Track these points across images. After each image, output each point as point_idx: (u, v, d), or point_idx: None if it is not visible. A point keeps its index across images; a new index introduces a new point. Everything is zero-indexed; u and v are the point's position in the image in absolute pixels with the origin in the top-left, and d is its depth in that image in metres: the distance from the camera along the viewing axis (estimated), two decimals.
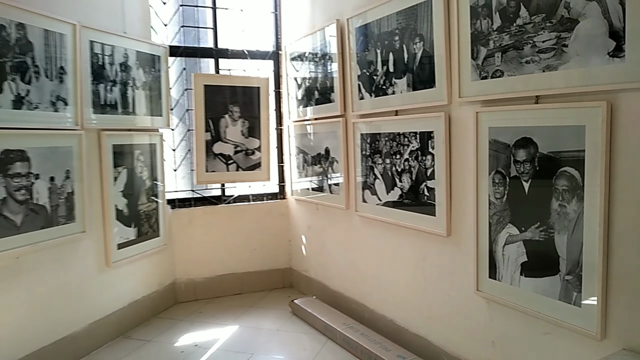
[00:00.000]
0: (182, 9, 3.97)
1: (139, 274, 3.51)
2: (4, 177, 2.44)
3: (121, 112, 3.23)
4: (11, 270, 2.54)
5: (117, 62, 3.18)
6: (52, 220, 2.73)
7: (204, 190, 4.12)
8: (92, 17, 3.00)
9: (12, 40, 2.45)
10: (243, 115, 3.91)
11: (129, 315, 3.39)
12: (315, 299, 3.65)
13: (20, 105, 2.49)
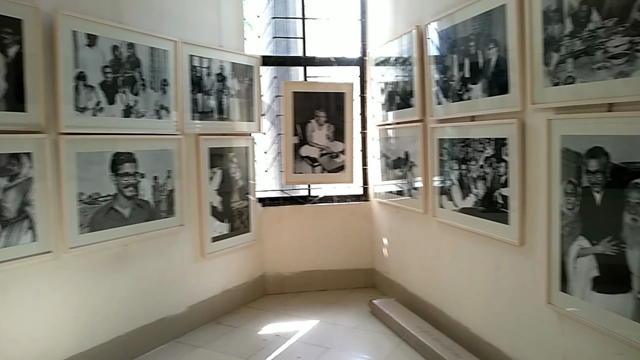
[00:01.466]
0: (274, 21, 4.24)
1: (231, 266, 3.84)
2: (116, 176, 2.85)
3: (217, 118, 3.56)
4: (121, 256, 2.95)
5: (214, 73, 3.51)
6: (155, 214, 3.11)
7: (292, 190, 4.36)
8: (191, 33, 3.35)
9: (124, 58, 2.84)
10: (329, 120, 4.08)
11: (221, 302, 3.72)
12: (393, 301, 3.71)
13: (129, 114, 2.89)
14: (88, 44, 2.65)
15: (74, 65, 2.58)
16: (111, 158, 2.81)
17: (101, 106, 2.73)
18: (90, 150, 2.70)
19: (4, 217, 2.31)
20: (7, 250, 2.33)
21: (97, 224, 2.74)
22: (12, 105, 2.33)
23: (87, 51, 2.65)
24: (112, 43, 2.77)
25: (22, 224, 2.39)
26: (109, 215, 2.81)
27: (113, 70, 2.78)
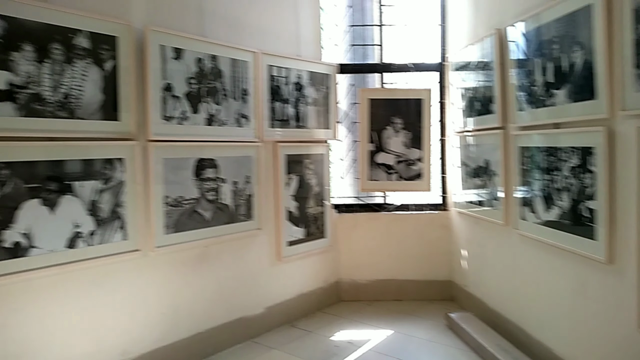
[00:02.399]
0: (352, 29, 4.27)
1: (306, 270, 3.91)
2: (199, 181, 3.02)
3: (294, 125, 3.66)
4: (202, 256, 3.12)
5: (292, 81, 3.61)
6: (234, 218, 3.25)
7: (368, 197, 4.35)
8: (270, 44, 3.48)
9: (207, 69, 3.02)
10: (406, 127, 4.03)
11: (296, 306, 3.80)
12: (471, 315, 3.56)
13: (211, 122, 3.06)
14: (175, 57, 2.85)
15: (161, 77, 2.78)
16: (195, 163, 2.99)
17: (186, 115, 2.92)
18: (176, 156, 2.89)
19: (99, 216, 2.54)
20: (101, 247, 2.56)
21: (181, 225, 2.92)
22: (108, 114, 2.56)
23: (174, 64, 2.85)
24: (197, 56, 2.95)
25: (114, 224, 2.61)
26: (192, 218, 2.99)
27: (197, 81, 2.96)
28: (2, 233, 2.21)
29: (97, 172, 2.53)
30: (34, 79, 2.27)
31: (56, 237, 2.39)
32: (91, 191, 2.51)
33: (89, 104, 2.48)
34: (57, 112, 2.36)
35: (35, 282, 2.35)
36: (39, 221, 2.32)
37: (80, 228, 2.47)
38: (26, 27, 2.23)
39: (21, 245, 2.27)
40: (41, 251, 2.34)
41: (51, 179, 2.36)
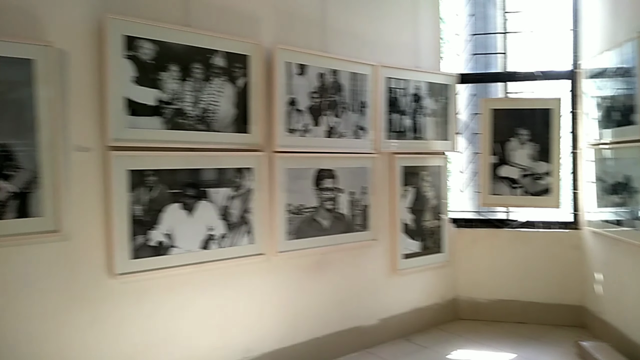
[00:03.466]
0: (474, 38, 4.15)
1: (422, 285, 3.83)
2: (318, 190, 3.13)
3: (412, 137, 3.64)
4: (319, 263, 3.22)
5: (410, 93, 3.61)
6: (351, 227, 3.31)
7: (489, 212, 4.16)
8: (389, 57, 3.51)
9: (328, 84, 3.13)
10: (532, 138, 3.80)
11: (411, 320, 3.74)
12: (607, 346, 3.22)
13: (331, 135, 3.16)
14: (299, 72, 3.00)
15: (287, 92, 2.95)
16: (315, 174, 3.11)
17: (308, 127, 3.05)
18: (298, 167, 3.03)
19: (230, 221, 2.75)
20: (231, 249, 2.76)
21: (301, 232, 3.05)
22: (239, 127, 2.77)
23: (298, 79, 3.00)
24: (319, 71, 3.09)
25: (242, 228, 2.81)
26: (311, 225, 3.10)
27: (319, 95, 3.09)
28: (148, 233, 2.49)
29: (229, 180, 2.75)
30: (178, 96, 2.55)
31: (193, 238, 2.63)
32: (223, 197, 2.73)
33: (224, 117, 2.71)
34: (197, 125, 2.62)
35: (173, 278, 2.61)
36: (179, 223, 2.58)
37: (213, 231, 2.69)
38: (173, 49, 2.52)
39: (163, 245, 2.54)
40: (180, 250, 2.59)
41: (190, 186, 2.62)
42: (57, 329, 2.28)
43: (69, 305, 2.31)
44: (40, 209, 2.19)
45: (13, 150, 2.12)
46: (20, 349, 2.19)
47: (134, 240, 2.44)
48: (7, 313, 2.16)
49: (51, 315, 2.26)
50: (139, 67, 2.41)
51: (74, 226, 2.30)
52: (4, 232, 2.11)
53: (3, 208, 2.11)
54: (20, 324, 2.19)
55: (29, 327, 2.21)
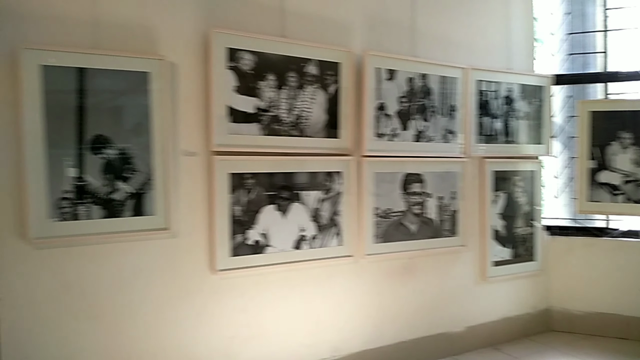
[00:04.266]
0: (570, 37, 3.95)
1: (512, 293, 3.71)
2: (406, 194, 3.15)
3: (502, 141, 3.54)
4: (406, 268, 3.22)
5: (501, 96, 3.52)
6: (439, 232, 3.29)
7: (586, 220, 3.93)
8: (479, 59, 3.45)
9: (417, 88, 3.14)
10: (635, 142, 3.55)
11: (500, 329, 3.63)
12: None
13: (419, 139, 3.16)
14: (388, 77, 3.04)
15: (376, 97, 3.00)
16: (402, 178, 3.13)
17: (396, 132, 3.08)
18: (385, 171, 3.07)
19: (320, 223, 2.85)
20: (321, 250, 2.86)
21: (388, 236, 3.08)
22: (330, 132, 2.86)
23: (387, 84, 3.04)
24: (408, 75, 3.11)
25: (331, 230, 2.89)
26: (399, 230, 3.12)
27: (407, 100, 3.11)
28: (246, 232, 2.64)
29: (320, 183, 2.84)
30: (274, 104, 2.68)
31: (286, 238, 2.75)
32: (314, 200, 2.83)
33: (315, 123, 2.81)
34: (291, 131, 2.74)
35: (268, 275, 2.74)
36: (273, 224, 2.71)
37: (305, 232, 2.80)
38: (270, 60, 2.66)
39: (260, 244, 2.68)
40: (274, 250, 2.72)
41: (284, 188, 2.74)
42: (164, 318, 2.49)
43: (175, 297, 2.51)
44: (153, 208, 2.41)
45: (130, 154, 2.35)
46: (133, 334, 2.42)
47: (233, 239, 2.60)
48: (124, 301, 2.39)
49: (159, 305, 2.47)
50: (240, 77, 2.57)
51: (181, 225, 2.50)
52: (122, 228, 2.35)
53: (121, 207, 2.34)
54: (134, 312, 2.41)
55: (140, 315, 2.43)
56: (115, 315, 2.38)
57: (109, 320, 2.37)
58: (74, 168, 2.24)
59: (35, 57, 2.12)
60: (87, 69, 2.23)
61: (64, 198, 2.22)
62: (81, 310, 2.31)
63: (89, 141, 2.25)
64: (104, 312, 2.35)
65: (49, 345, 2.25)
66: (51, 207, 2.19)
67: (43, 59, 2.14)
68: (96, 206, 2.29)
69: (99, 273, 2.34)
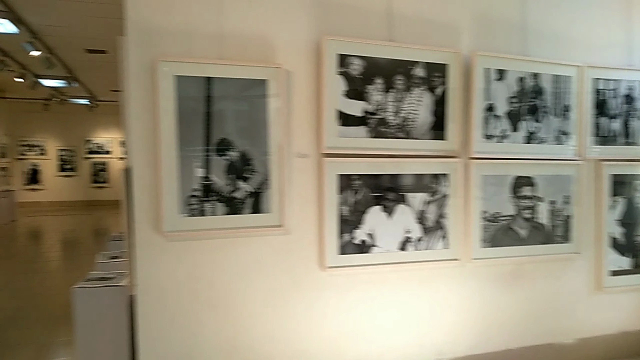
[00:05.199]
0: None
1: (631, 306, 3.44)
2: (515, 198, 3.05)
3: (622, 142, 3.31)
4: (514, 274, 3.12)
5: (621, 94, 3.29)
6: (550, 238, 3.14)
7: None
8: (596, 56, 3.25)
9: (528, 88, 3.04)
10: None
11: (616, 344, 3.39)
12: None
13: (530, 140, 3.06)
14: (497, 78, 2.98)
15: (484, 98, 2.95)
16: (512, 181, 3.04)
17: (506, 133, 3.00)
18: (494, 174, 3.00)
19: (426, 225, 2.85)
20: (426, 252, 2.86)
21: (496, 240, 3.01)
22: (436, 134, 2.86)
23: (496, 84, 2.98)
24: (518, 75, 3.02)
25: (437, 233, 2.89)
26: (507, 234, 3.04)
27: (518, 100, 3.02)
28: (353, 232, 2.72)
29: (426, 185, 2.85)
30: (381, 107, 2.74)
31: (392, 239, 2.79)
32: (420, 202, 2.84)
33: (422, 125, 2.83)
34: (397, 134, 2.78)
35: (373, 275, 2.80)
36: (379, 224, 2.77)
37: (410, 234, 2.82)
38: (378, 64, 2.72)
39: (366, 243, 2.75)
40: (380, 250, 2.77)
41: (389, 190, 2.79)
42: (277, 309, 2.64)
43: (287, 290, 2.65)
44: (269, 206, 2.57)
45: (250, 156, 2.52)
46: (248, 323, 2.59)
47: (341, 238, 2.69)
48: (241, 291, 2.57)
49: (272, 297, 2.63)
50: (349, 81, 2.66)
51: (293, 222, 2.64)
52: (242, 224, 2.53)
53: (242, 204, 2.52)
54: (249, 302, 2.59)
55: (255, 305, 2.60)
56: (234, 304, 2.57)
57: (227, 309, 2.56)
58: (202, 169, 2.45)
59: (170, 68, 2.36)
60: (213, 78, 2.44)
61: (192, 196, 2.44)
62: (205, 298, 2.52)
63: (214, 144, 2.46)
64: (224, 301, 2.55)
65: (177, 327, 2.49)
66: (182, 204, 2.42)
67: (177, 70, 2.38)
68: (220, 203, 2.49)
69: (221, 264, 2.54)
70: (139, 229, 2.42)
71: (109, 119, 17.83)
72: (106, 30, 7.22)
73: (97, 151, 18.07)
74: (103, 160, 18.13)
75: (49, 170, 17.49)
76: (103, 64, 9.89)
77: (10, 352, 4.28)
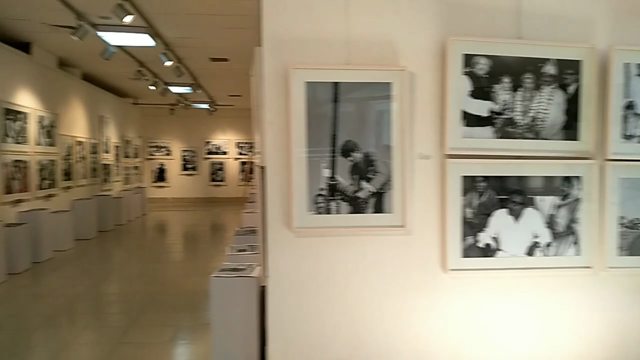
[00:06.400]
0: None
1: None
2: None
3: None
4: None
5: None
6: None
7: None
8: None
9: None
10: None
11: None
12: None
13: None
14: (638, 73, 2.75)
15: (623, 95, 2.74)
16: None
17: None
18: (634, 176, 2.77)
19: (555, 230, 2.72)
20: (555, 259, 2.72)
21: (636, 248, 2.78)
22: (568, 134, 2.71)
23: (637, 80, 2.75)
24: None
25: (568, 239, 2.73)
26: None
27: None
28: (477, 235, 2.68)
29: (556, 188, 2.72)
30: (508, 106, 2.66)
31: (518, 243, 2.70)
32: (549, 206, 2.72)
33: (552, 125, 2.70)
34: (525, 134, 2.68)
35: (497, 280, 2.73)
36: (505, 228, 2.69)
37: (538, 238, 2.71)
38: (505, 62, 2.65)
39: (490, 247, 2.69)
40: (505, 254, 2.70)
41: (516, 193, 2.70)
42: (396, 308, 2.68)
43: (407, 290, 2.68)
44: (391, 206, 2.62)
45: (374, 158, 2.60)
46: (369, 320, 2.66)
47: (464, 240, 2.67)
48: (364, 288, 2.65)
49: (392, 296, 2.67)
50: (474, 81, 2.63)
51: (414, 223, 2.66)
52: (364, 223, 2.61)
53: (365, 204, 2.61)
54: (370, 300, 2.66)
55: (376, 303, 2.66)
56: (353, 300, 2.65)
57: (347, 304, 2.65)
58: (328, 169, 2.57)
59: (301, 75, 2.51)
60: (340, 83, 2.55)
61: (319, 195, 2.57)
62: (328, 292, 2.64)
63: (340, 146, 2.57)
64: (344, 296, 2.65)
65: (303, 318, 2.63)
66: (310, 202, 2.57)
67: (307, 76, 2.52)
68: (344, 202, 2.59)
69: (344, 261, 2.64)
70: (270, 224, 2.61)
71: (226, 122, 19.11)
72: (230, 40, 7.79)
73: (215, 152, 19.42)
74: (220, 161, 19.45)
75: (173, 169, 19.16)
76: (224, 71, 10.65)
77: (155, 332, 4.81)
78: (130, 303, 5.83)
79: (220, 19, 6.56)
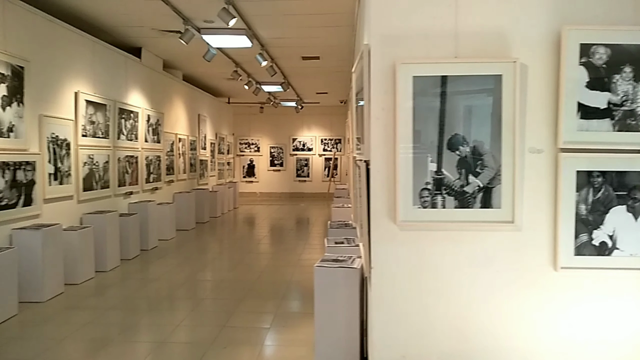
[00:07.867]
0: None
1: None
2: None
3: None
4: None
5: None
6: None
7: None
8: None
9: None
10: None
11: None
12: None
13: None
14: None
15: None
16: None
17: None
18: None
19: None
20: None
21: None
22: None
23: None
24: None
25: None
26: None
27: None
28: (592, 232, 2.56)
29: None
30: (630, 97, 2.51)
31: (637, 243, 2.54)
32: None
33: None
34: None
35: (613, 280, 2.59)
36: (623, 226, 2.54)
37: None
38: (627, 51, 2.49)
39: (606, 246, 2.56)
40: (622, 253, 2.55)
41: (637, 189, 2.54)
42: (503, 305, 2.63)
43: (516, 287, 2.62)
44: (499, 201, 2.57)
45: (482, 152, 2.57)
46: (475, 316, 2.64)
47: (577, 238, 2.56)
48: (470, 283, 2.63)
49: (499, 292, 2.62)
50: (592, 71, 2.50)
51: (524, 219, 2.59)
52: (471, 218, 2.59)
53: (472, 199, 2.58)
54: (475, 294, 2.63)
55: (481, 298, 2.63)
56: (458, 294, 2.64)
57: (451, 298, 2.64)
58: (434, 163, 2.58)
59: (408, 70, 2.54)
60: (447, 76, 2.55)
61: (424, 189, 2.59)
62: (431, 285, 2.65)
63: (447, 139, 2.57)
64: (448, 290, 2.64)
65: (406, 310, 2.67)
66: (415, 196, 2.59)
67: (414, 71, 2.55)
68: (450, 197, 2.59)
69: (449, 255, 2.64)
70: (375, 217, 2.67)
71: (312, 119, 19.51)
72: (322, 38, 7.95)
73: (300, 148, 19.89)
74: (306, 157, 19.89)
75: (262, 165, 19.90)
76: (314, 69, 10.88)
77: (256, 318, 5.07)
78: (230, 290, 6.18)
79: (315, 17, 6.71)
